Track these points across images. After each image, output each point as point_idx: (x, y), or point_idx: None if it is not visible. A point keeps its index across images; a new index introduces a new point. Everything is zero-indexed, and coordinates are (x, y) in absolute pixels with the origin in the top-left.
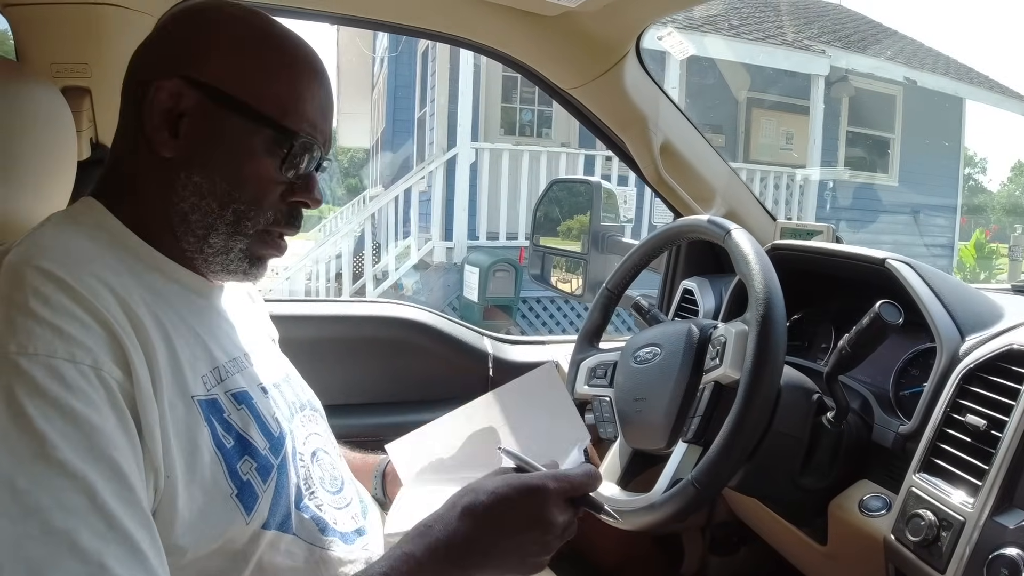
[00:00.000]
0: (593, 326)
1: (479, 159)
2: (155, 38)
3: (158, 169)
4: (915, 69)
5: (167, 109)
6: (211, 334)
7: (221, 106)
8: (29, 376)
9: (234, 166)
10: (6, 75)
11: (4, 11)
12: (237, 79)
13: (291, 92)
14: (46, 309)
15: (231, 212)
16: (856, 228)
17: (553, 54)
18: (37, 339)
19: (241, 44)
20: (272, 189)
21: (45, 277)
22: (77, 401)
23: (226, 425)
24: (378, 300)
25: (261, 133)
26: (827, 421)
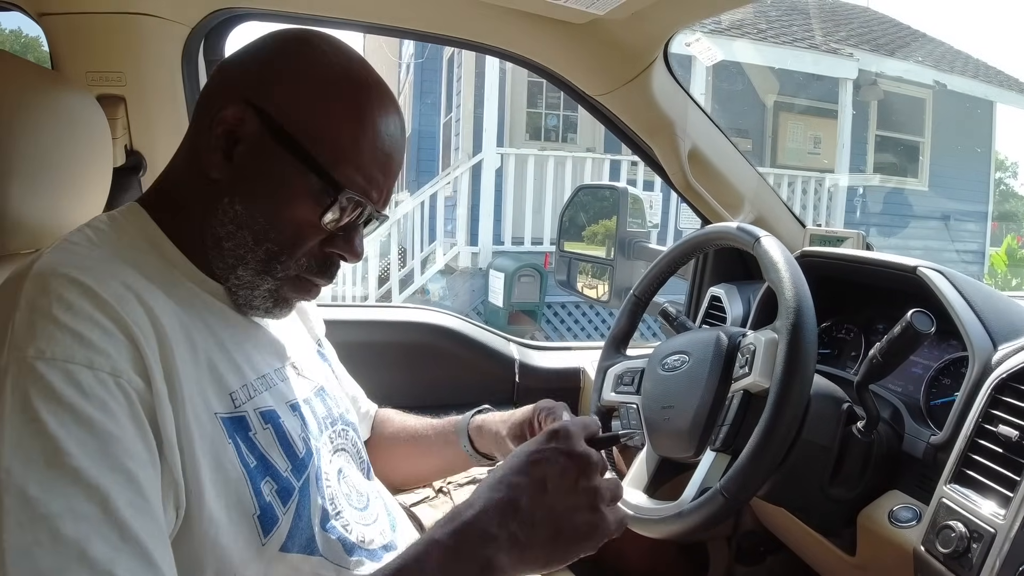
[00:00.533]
0: (620, 332)
1: (504, 164)
2: (233, 58)
3: (204, 188)
4: (944, 72)
5: (226, 131)
6: (242, 350)
7: (277, 140)
8: (46, 381)
9: (276, 205)
10: (43, 83)
11: (40, 20)
12: (298, 116)
13: (350, 143)
14: (67, 314)
15: (263, 250)
16: (886, 234)
17: (581, 61)
18: (56, 344)
19: (311, 82)
20: (310, 236)
21: (70, 283)
22: (93, 408)
23: (250, 444)
24: (404, 305)
25: (308, 178)
26: (857, 431)
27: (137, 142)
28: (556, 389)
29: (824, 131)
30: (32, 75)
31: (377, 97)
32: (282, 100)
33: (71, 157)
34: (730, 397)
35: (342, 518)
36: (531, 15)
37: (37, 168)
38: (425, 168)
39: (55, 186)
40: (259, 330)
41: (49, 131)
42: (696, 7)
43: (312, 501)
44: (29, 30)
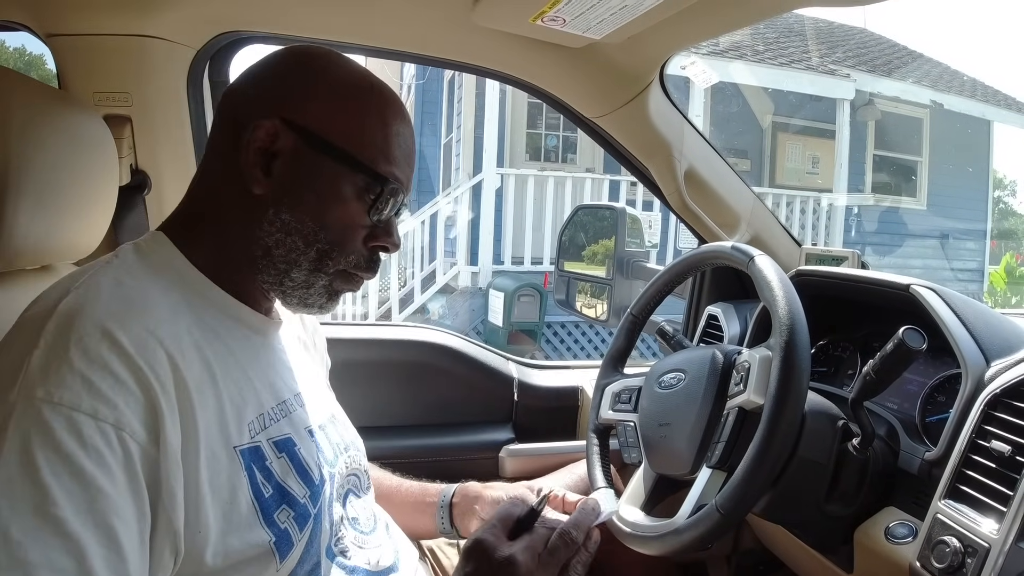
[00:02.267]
0: (618, 351)
1: (504, 184)
2: (254, 78)
3: (245, 205)
4: (941, 92)
5: (263, 148)
6: (263, 376)
7: (316, 149)
8: (48, 426)
9: (323, 208)
10: (51, 103)
11: (48, 41)
12: (334, 125)
13: (384, 139)
14: (83, 360)
15: (315, 251)
16: (885, 253)
17: (578, 84)
18: (65, 389)
19: (339, 91)
20: (357, 232)
21: (94, 327)
22: (89, 460)
23: (267, 473)
24: (404, 324)
25: (354, 178)
26: (853, 447)
27: (142, 161)
28: (554, 408)
29: (822, 151)
30: (40, 95)
31: (392, 99)
32: (313, 111)
33: (78, 175)
34: (726, 414)
35: (343, 542)
36: (529, 39)
37: (44, 186)
38: (425, 188)
39: (62, 204)
40: (280, 356)
41: (56, 150)
42: (691, 31)
43: (323, 527)
44: (33, 48)
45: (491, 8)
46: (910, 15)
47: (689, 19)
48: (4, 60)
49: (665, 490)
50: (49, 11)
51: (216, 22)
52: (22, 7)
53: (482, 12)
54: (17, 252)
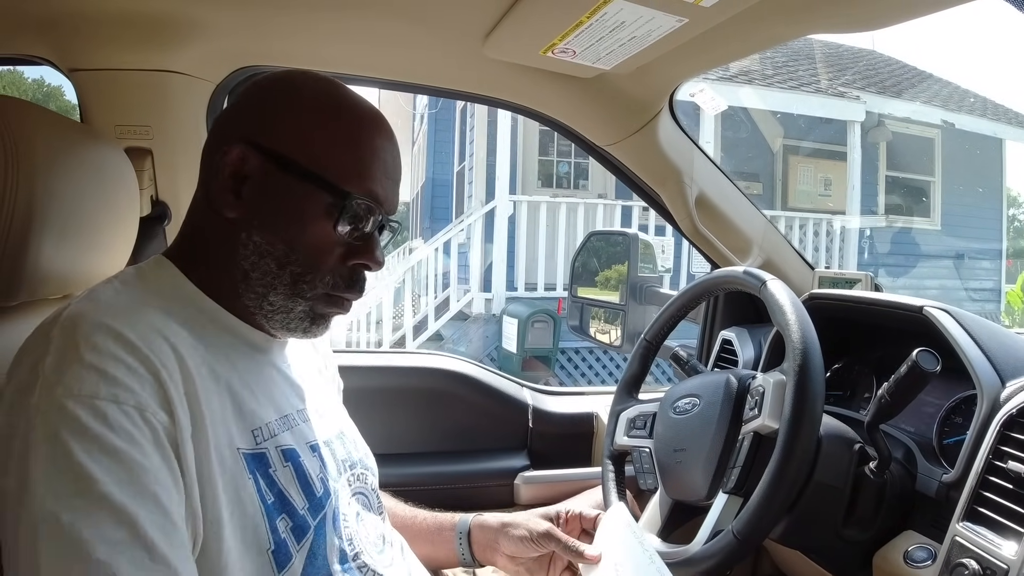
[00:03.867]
0: (632, 376)
1: (517, 211)
2: (229, 108)
3: (223, 229)
4: (952, 111)
5: (232, 172)
6: (266, 391)
7: (281, 169)
8: (73, 416)
9: (292, 228)
10: (73, 136)
11: (70, 76)
12: (297, 143)
13: (351, 157)
14: (94, 355)
15: (288, 273)
16: (899, 274)
17: (589, 113)
18: (82, 382)
19: (304, 110)
20: (329, 251)
21: (98, 328)
22: (119, 439)
23: (269, 480)
24: (418, 351)
25: (320, 196)
26: (869, 471)
27: (163, 193)
28: (569, 435)
29: (834, 173)
30: (63, 128)
31: (366, 115)
32: (279, 131)
33: (100, 207)
34: (741, 439)
35: (360, 560)
36: (540, 71)
37: (67, 217)
38: (439, 215)
39: (84, 234)
40: (283, 373)
41: (79, 181)
42: (699, 60)
43: (329, 541)
44: (51, 79)
45: (502, 41)
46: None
47: (697, 49)
48: (23, 91)
49: (682, 516)
50: (72, 46)
51: (235, 57)
52: (45, 42)
53: (493, 45)
54: (41, 281)
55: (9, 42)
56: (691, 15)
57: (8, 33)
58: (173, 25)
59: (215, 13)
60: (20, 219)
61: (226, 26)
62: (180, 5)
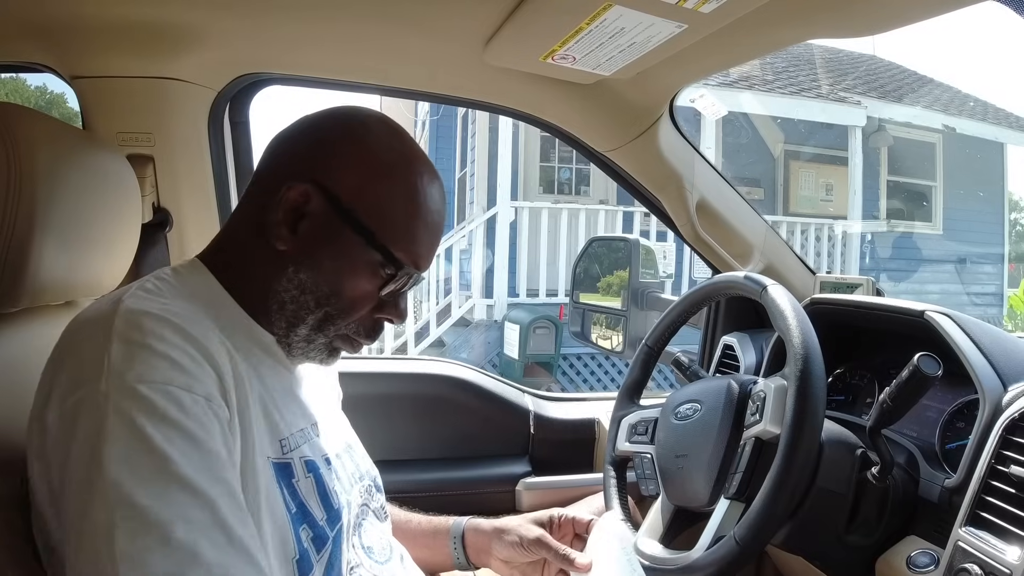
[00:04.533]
0: (633, 382)
1: (518, 218)
2: (298, 135)
3: (269, 257)
4: (953, 116)
5: (292, 208)
6: (288, 403)
7: (341, 218)
8: (149, 401)
9: (339, 275)
10: (76, 143)
11: (72, 83)
12: (363, 198)
13: (406, 221)
14: (163, 344)
15: (323, 313)
16: (901, 279)
17: (589, 119)
18: (155, 369)
19: (373, 163)
20: (366, 303)
21: (158, 320)
22: (195, 425)
23: (292, 491)
24: (420, 357)
25: (372, 254)
26: (872, 476)
27: (164, 199)
28: (571, 440)
29: (836, 179)
30: (66, 135)
31: (427, 174)
32: (347, 181)
33: (102, 213)
34: (742, 445)
35: (362, 568)
36: (540, 77)
37: (70, 223)
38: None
39: (87, 240)
40: (301, 387)
41: (81, 188)
42: (699, 66)
43: (344, 552)
44: (54, 87)
45: (502, 48)
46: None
47: (697, 54)
48: (26, 98)
49: (683, 522)
50: (74, 54)
51: (236, 64)
52: (48, 50)
53: (493, 52)
54: (43, 288)
55: (11, 49)
56: (690, 21)
57: (10, 40)
58: (174, 33)
59: (216, 21)
60: (22, 225)
61: (227, 34)
62: (182, 13)
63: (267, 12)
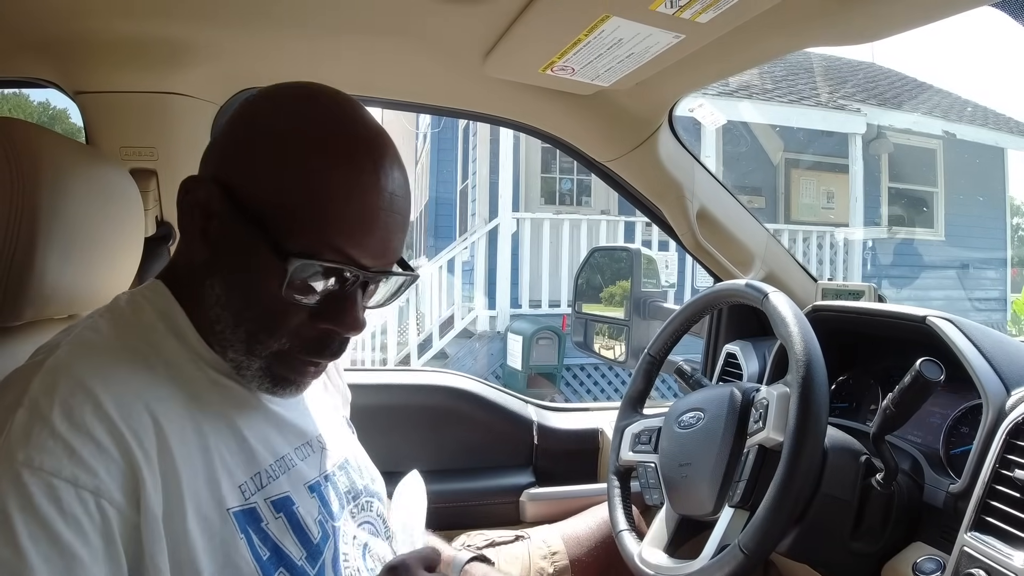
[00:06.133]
0: (636, 392)
1: (520, 229)
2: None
3: (193, 270)
4: (953, 122)
5: (200, 211)
6: (259, 433)
7: (238, 212)
8: (27, 491)
9: (246, 282)
10: (79, 157)
11: (76, 98)
12: (255, 184)
13: (315, 207)
14: (65, 423)
15: (243, 331)
16: (904, 285)
17: (589, 130)
18: (47, 454)
19: (268, 142)
20: (284, 312)
21: (78, 388)
22: (67, 528)
23: (263, 535)
24: (423, 368)
25: (261, 249)
26: (876, 483)
27: (167, 213)
28: (575, 451)
29: (837, 186)
30: (69, 149)
31: (361, 147)
32: (241, 169)
33: (105, 227)
34: (746, 452)
35: None
36: (540, 88)
37: (74, 237)
38: (443, 234)
39: (90, 254)
40: (280, 406)
41: (85, 202)
42: (697, 76)
43: None
44: (57, 102)
45: (501, 60)
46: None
47: (695, 64)
48: (29, 114)
49: (688, 531)
50: (77, 70)
51: (237, 78)
52: (51, 66)
53: (493, 64)
54: (46, 301)
55: (14, 64)
56: (688, 31)
57: (13, 56)
58: (176, 48)
59: (217, 36)
60: (25, 239)
61: (228, 48)
62: (183, 28)
63: (268, 27)
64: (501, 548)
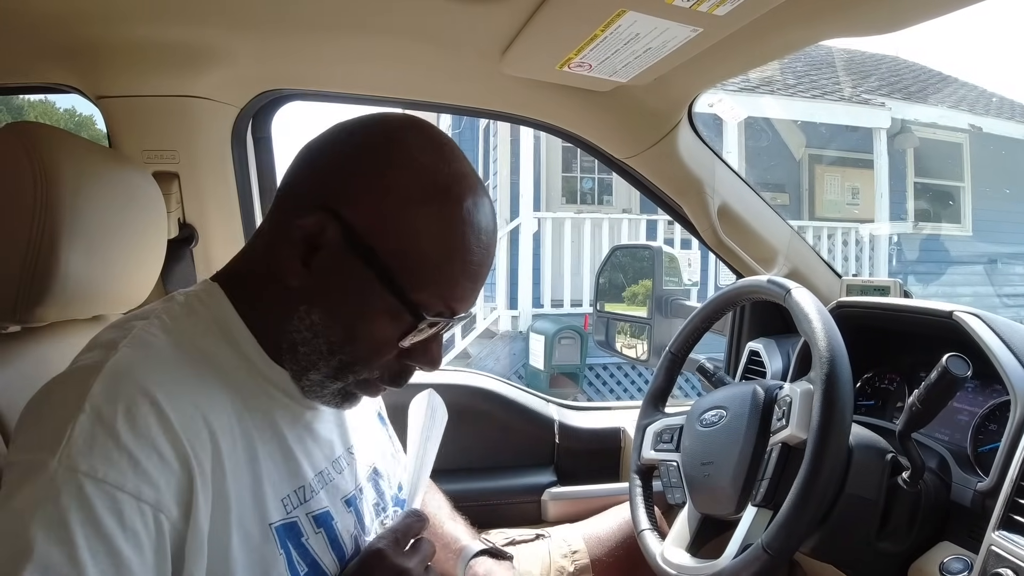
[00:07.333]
0: (658, 390)
1: (541, 228)
2: (322, 148)
3: (282, 292)
4: (979, 115)
5: (305, 238)
6: (303, 445)
7: (358, 255)
8: (90, 503)
9: (354, 319)
10: (102, 161)
11: (98, 103)
12: (380, 229)
13: (441, 266)
14: (130, 434)
15: (337, 360)
16: (931, 281)
17: (608, 126)
18: (110, 465)
19: (396, 189)
20: (387, 352)
21: (141, 396)
22: (126, 543)
23: (302, 550)
24: (446, 368)
25: (391, 300)
26: (903, 482)
27: (190, 215)
28: (596, 450)
29: (862, 181)
30: (91, 153)
31: (470, 199)
32: (365, 210)
33: (129, 229)
34: (769, 451)
35: None
36: (557, 85)
37: (98, 239)
38: None
39: (114, 256)
40: (319, 418)
41: (108, 205)
42: (716, 70)
43: None
44: (82, 109)
45: (518, 58)
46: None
47: (713, 58)
48: (55, 121)
49: (710, 530)
50: (99, 75)
51: (257, 81)
52: (74, 71)
53: (510, 62)
54: (70, 302)
55: (38, 71)
56: (705, 24)
57: (37, 62)
58: (196, 52)
59: (238, 40)
60: (48, 242)
61: (247, 52)
62: (202, 33)
63: (287, 30)
64: (522, 547)
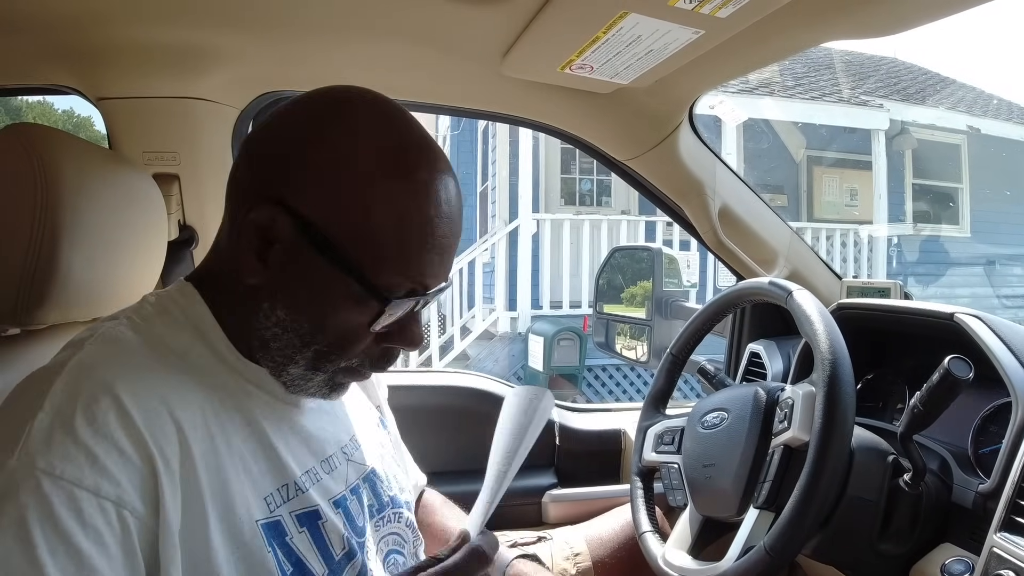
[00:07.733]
0: (659, 392)
1: (540, 230)
2: (267, 133)
3: (244, 289)
4: (977, 117)
5: (257, 232)
6: (287, 444)
7: (313, 243)
8: (47, 500)
9: (319, 312)
10: (102, 162)
11: (98, 104)
12: (333, 214)
13: (397, 238)
14: (88, 430)
15: (313, 351)
16: (929, 283)
17: (608, 128)
18: (69, 462)
19: (346, 167)
20: (361, 336)
21: (103, 392)
22: (87, 540)
23: (287, 550)
24: (445, 370)
25: (350, 285)
26: (904, 483)
27: (190, 217)
28: (597, 451)
29: (860, 183)
30: (91, 154)
31: (424, 171)
32: (312, 196)
33: (129, 231)
34: (771, 453)
35: None
36: (558, 87)
37: (97, 241)
38: (463, 236)
39: (114, 258)
40: (306, 417)
41: (108, 207)
42: (717, 72)
43: None
44: (81, 110)
45: (519, 59)
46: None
47: (714, 60)
48: (53, 122)
49: (712, 532)
50: (99, 76)
51: (258, 83)
52: (73, 73)
53: (511, 64)
54: (70, 305)
55: (37, 72)
56: (707, 27)
57: (38, 63)
58: (197, 53)
59: (237, 41)
60: (48, 243)
61: (248, 53)
62: (203, 34)
63: (288, 32)
64: (523, 550)
